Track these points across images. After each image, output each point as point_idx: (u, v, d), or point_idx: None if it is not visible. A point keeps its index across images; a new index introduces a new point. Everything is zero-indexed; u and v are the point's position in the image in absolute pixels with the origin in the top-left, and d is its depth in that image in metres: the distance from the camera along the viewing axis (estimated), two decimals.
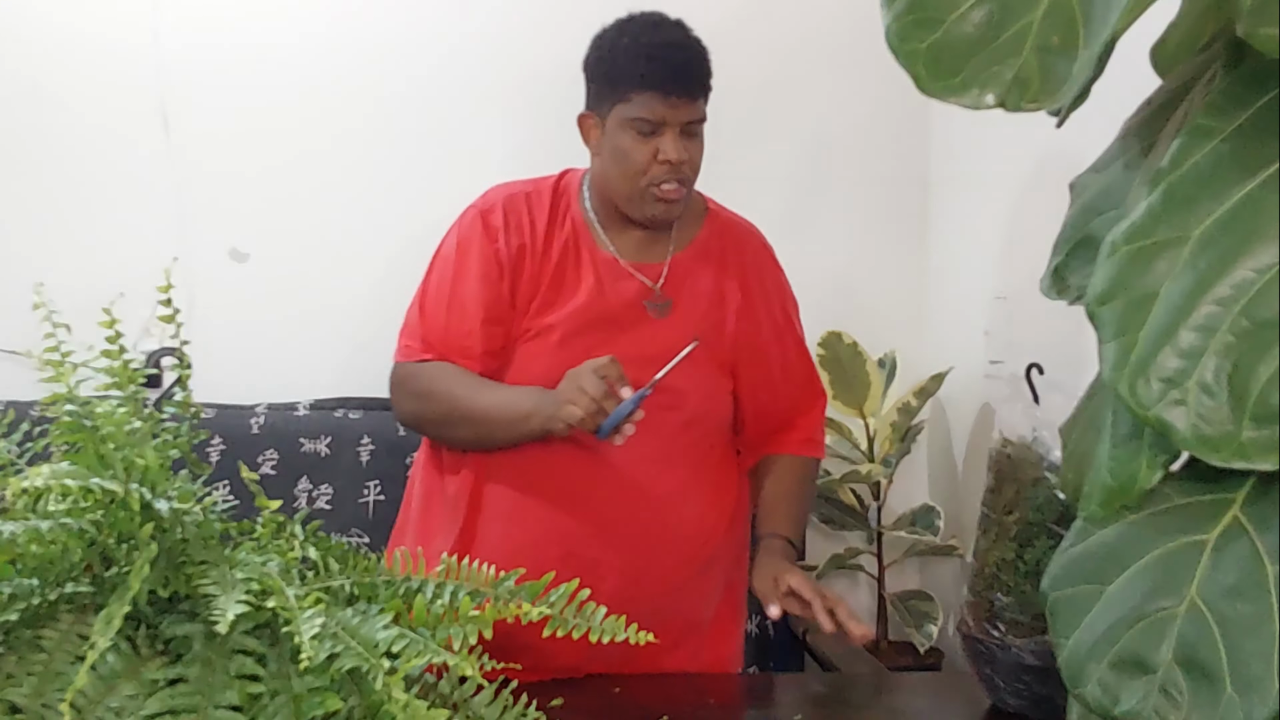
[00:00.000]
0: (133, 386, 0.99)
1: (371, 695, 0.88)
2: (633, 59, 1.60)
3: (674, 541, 1.68)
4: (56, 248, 2.33)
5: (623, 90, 1.60)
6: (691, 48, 1.62)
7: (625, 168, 1.62)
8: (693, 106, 1.60)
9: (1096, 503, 0.83)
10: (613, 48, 1.63)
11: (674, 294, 1.70)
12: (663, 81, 1.58)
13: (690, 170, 1.63)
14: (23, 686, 0.83)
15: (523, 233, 1.68)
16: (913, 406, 2.34)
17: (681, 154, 1.60)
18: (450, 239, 1.73)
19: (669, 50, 1.60)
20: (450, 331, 1.66)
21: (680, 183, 1.62)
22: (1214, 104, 0.75)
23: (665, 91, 1.58)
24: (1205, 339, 0.72)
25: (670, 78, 1.58)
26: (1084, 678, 0.80)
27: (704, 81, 1.62)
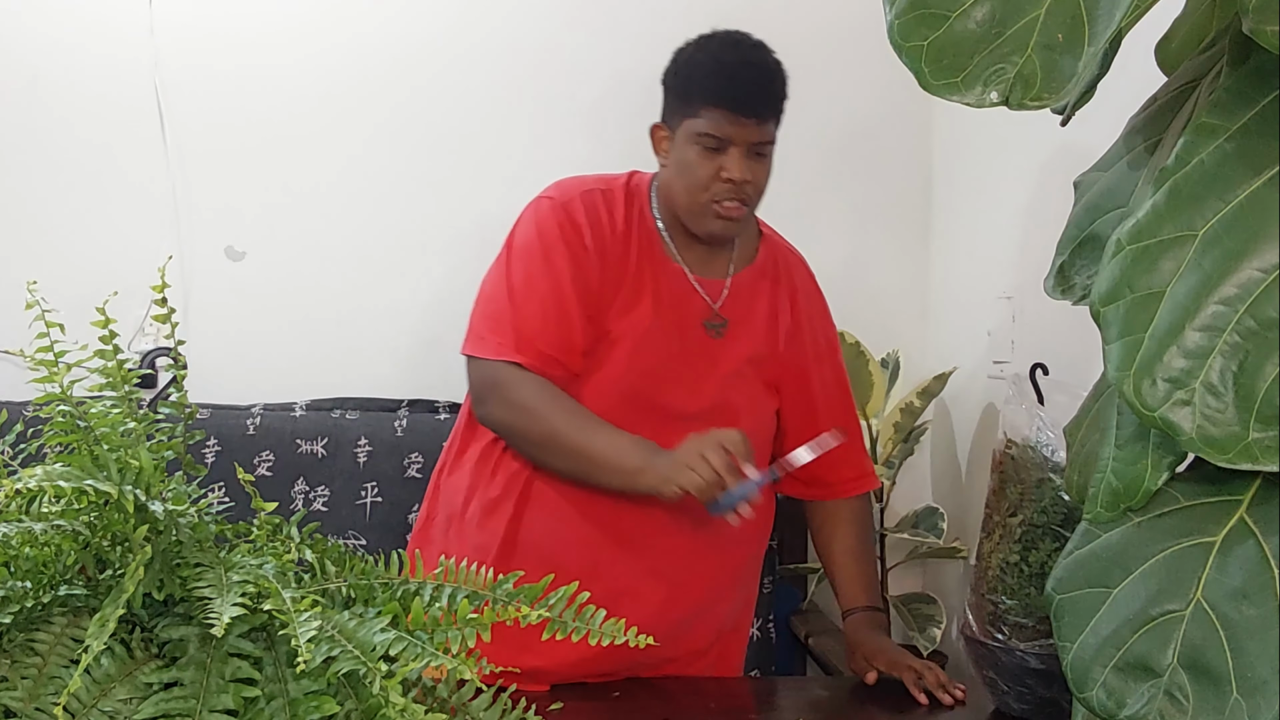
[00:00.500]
0: (127, 387, 0.98)
1: (369, 699, 0.87)
2: (705, 75, 1.60)
3: (714, 557, 1.69)
4: (51, 246, 2.32)
5: (693, 105, 1.60)
6: (766, 69, 1.61)
7: (689, 181, 1.61)
8: (761, 128, 1.59)
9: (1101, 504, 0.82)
10: (688, 62, 1.63)
11: (731, 314, 1.71)
12: (731, 100, 1.57)
13: (753, 191, 1.62)
14: (16, 690, 0.83)
15: (602, 232, 1.65)
16: (916, 407, 2.33)
17: (745, 174, 1.59)
18: (527, 229, 1.67)
19: (742, 69, 1.60)
20: (548, 330, 1.60)
21: (742, 202, 1.61)
22: (1219, 102, 0.75)
23: (733, 110, 1.57)
24: (1211, 339, 0.72)
25: (739, 97, 1.57)
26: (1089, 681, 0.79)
27: (775, 104, 1.61)
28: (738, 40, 1.63)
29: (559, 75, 2.45)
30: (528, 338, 1.60)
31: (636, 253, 1.66)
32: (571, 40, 2.45)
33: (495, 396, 1.61)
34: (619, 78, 2.46)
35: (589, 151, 2.44)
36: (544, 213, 1.66)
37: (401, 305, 2.42)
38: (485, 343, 1.63)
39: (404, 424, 2.23)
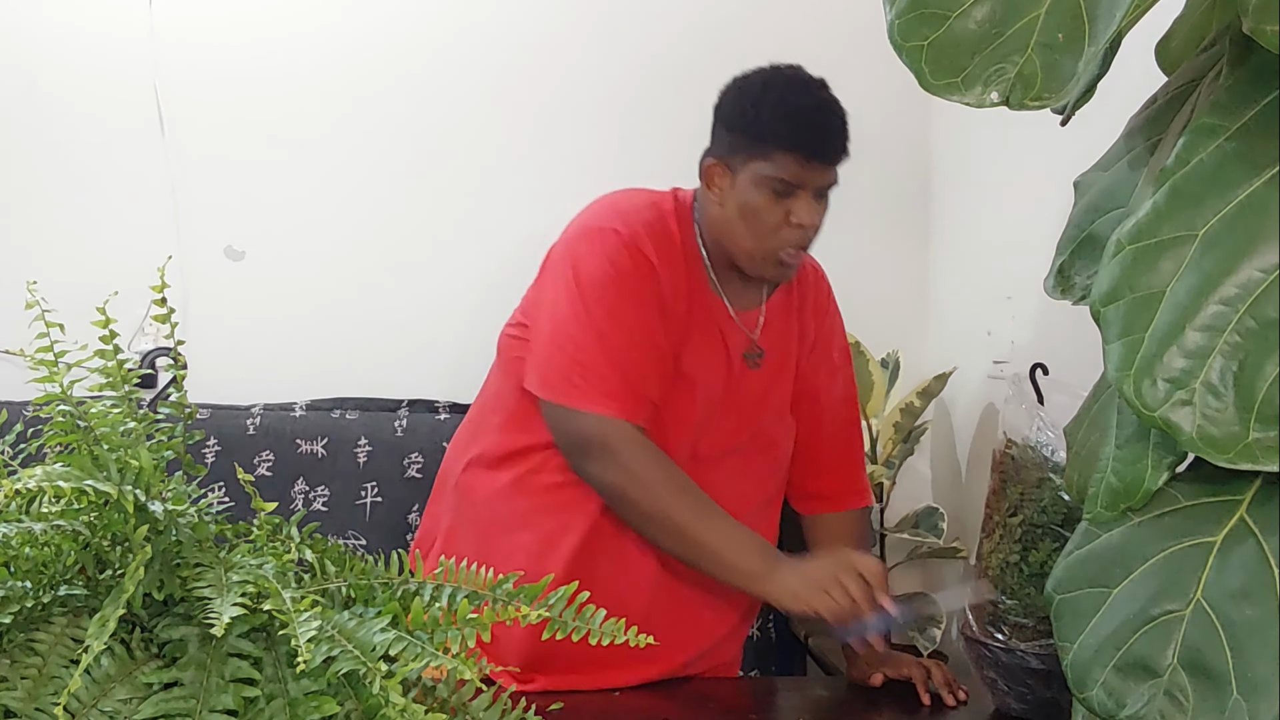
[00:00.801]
0: (127, 386, 0.98)
1: (369, 699, 0.87)
2: (780, 118, 1.53)
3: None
4: (51, 246, 2.32)
5: (764, 148, 1.53)
6: (837, 112, 1.56)
7: (754, 226, 1.56)
8: (831, 171, 1.55)
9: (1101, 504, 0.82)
10: (757, 102, 1.55)
11: (767, 343, 1.69)
12: (808, 145, 1.52)
13: (815, 234, 1.59)
14: (16, 690, 0.83)
15: (671, 271, 1.59)
16: (916, 407, 2.33)
17: (814, 218, 1.56)
18: (599, 265, 1.56)
19: (816, 114, 1.54)
20: (648, 379, 1.55)
21: (806, 245, 1.59)
22: (1219, 102, 0.75)
23: (809, 155, 1.52)
24: (1211, 339, 0.71)
25: (816, 142, 1.53)
26: (1089, 681, 0.79)
27: (846, 147, 1.57)
28: (805, 80, 1.57)
29: (561, 76, 2.45)
30: (630, 389, 1.53)
31: (692, 289, 1.62)
32: (573, 40, 2.45)
33: (605, 458, 1.53)
34: (621, 78, 2.46)
35: (591, 152, 2.44)
36: (615, 248, 1.57)
37: (402, 305, 2.42)
38: (582, 392, 1.53)
39: (404, 424, 2.23)
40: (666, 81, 2.47)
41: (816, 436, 1.78)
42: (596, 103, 2.45)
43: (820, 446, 1.79)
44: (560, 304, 1.57)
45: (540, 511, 1.61)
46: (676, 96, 2.49)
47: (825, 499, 1.81)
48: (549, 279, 1.62)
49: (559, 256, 1.62)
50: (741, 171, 1.56)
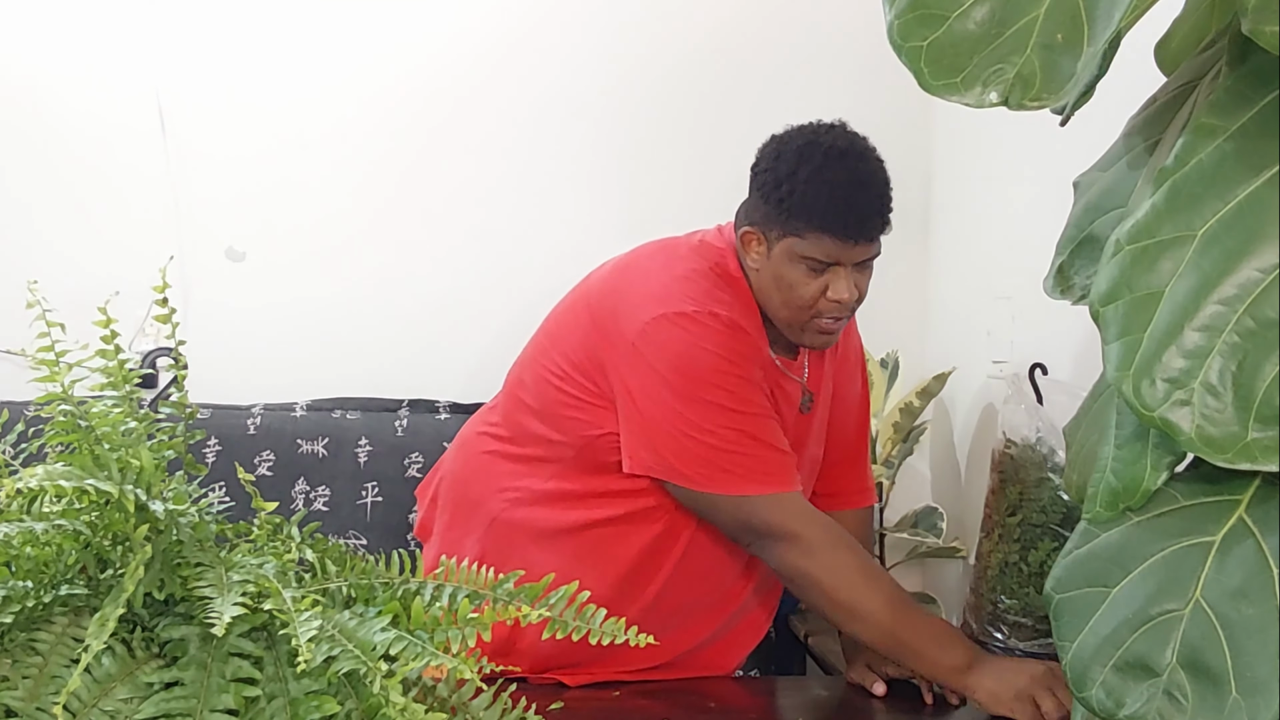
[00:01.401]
0: (128, 386, 0.98)
1: (369, 699, 0.87)
2: (814, 197, 1.48)
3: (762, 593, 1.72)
4: (52, 246, 2.32)
5: (797, 226, 1.49)
6: (876, 187, 1.51)
7: (789, 298, 1.53)
8: (869, 247, 1.52)
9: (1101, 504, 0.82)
10: (791, 176, 1.50)
11: (814, 386, 1.69)
12: (846, 228, 1.48)
13: (857, 303, 1.56)
14: (17, 690, 0.83)
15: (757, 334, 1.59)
16: (915, 407, 2.33)
17: (852, 293, 1.52)
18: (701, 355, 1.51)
19: (854, 192, 1.49)
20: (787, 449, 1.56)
21: (845, 315, 1.56)
22: (1218, 102, 0.75)
23: (844, 237, 1.48)
24: (1210, 339, 0.72)
25: (852, 224, 1.48)
26: (1088, 681, 0.79)
27: (885, 221, 1.52)
28: (845, 150, 1.52)
29: (562, 77, 2.45)
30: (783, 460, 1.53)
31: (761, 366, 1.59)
32: (574, 42, 2.45)
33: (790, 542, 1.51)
34: (622, 80, 2.46)
35: (592, 154, 2.44)
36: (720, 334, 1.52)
37: (402, 305, 2.42)
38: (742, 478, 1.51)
39: (404, 424, 2.23)
40: (668, 82, 2.47)
41: (833, 438, 1.78)
42: (597, 104, 2.45)
43: (835, 447, 1.79)
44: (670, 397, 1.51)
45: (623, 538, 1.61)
46: (678, 98, 2.50)
47: (833, 497, 1.80)
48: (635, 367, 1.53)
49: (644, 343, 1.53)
50: (777, 245, 1.52)
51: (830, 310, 1.53)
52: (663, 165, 2.50)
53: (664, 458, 1.52)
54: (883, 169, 1.53)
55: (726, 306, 1.54)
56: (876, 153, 1.55)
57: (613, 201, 2.44)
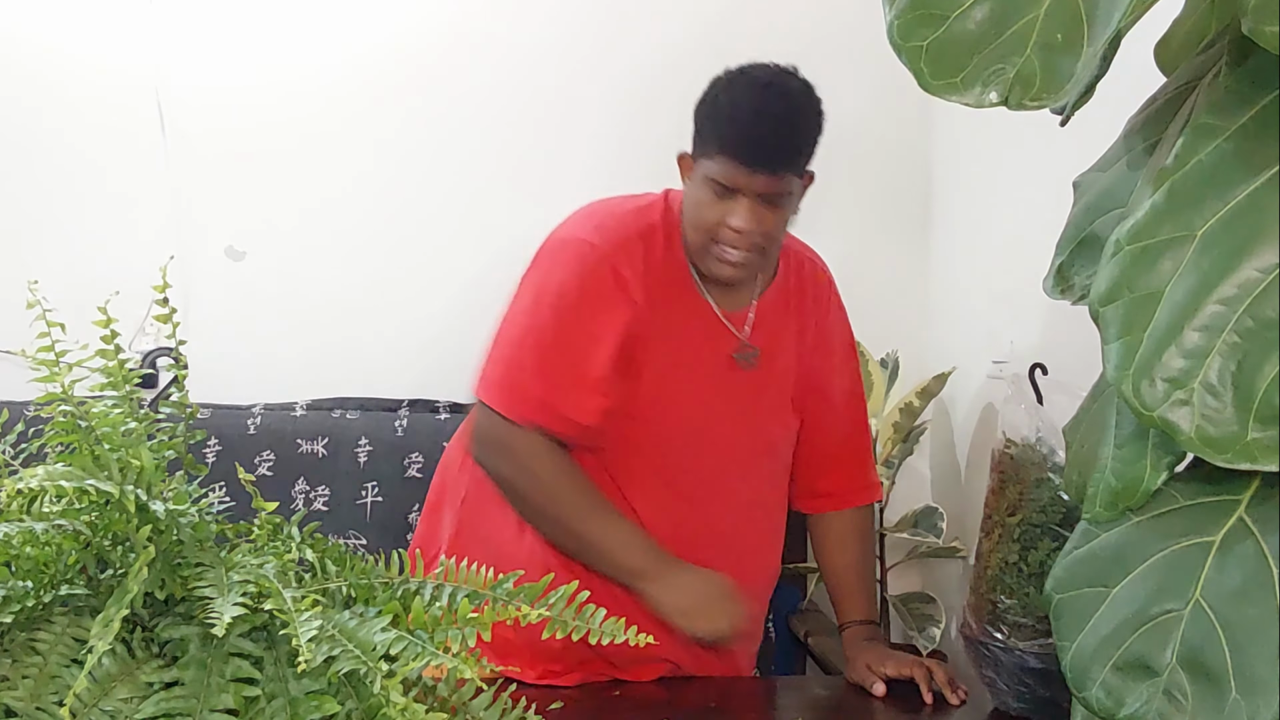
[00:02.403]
0: (128, 387, 0.98)
1: (369, 699, 0.87)
2: (723, 119, 1.52)
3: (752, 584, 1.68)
4: (52, 247, 2.32)
5: (709, 147, 1.52)
6: (785, 119, 1.51)
7: (695, 220, 1.55)
8: (773, 179, 1.51)
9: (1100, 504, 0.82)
10: (714, 101, 1.54)
11: (760, 342, 1.67)
12: (743, 150, 1.49)
13: (763, 239, 1.54)
14: (17, 690, 0.83)
15: (650, 280, 1.59)
16: (915, 407, 2.33)
17: (750, 224, 1.51)
18: (565, 277, 1.58)
19: (759, 119, 1.50)
20: (569, 399, 1.55)
21: (749, 250, 1.54)
22: (1218, 102, 0.75)
23: (744, 162, 1.49)
24: (1210, 339, 0.72)
25: (751, 148, 1.49)
26: (1088, 680, 0.79)
27: (792, 157, 1.53)
28: (769, 82, 1.53)
29: (562, 77, 2.45)
30: (552, 404, 1.54)
31: (671, 291, 1.61)
32: (574, 43, 2.45)
33: (503, 454, 1.57)
34: (621, 79, 2.46)
35: (592, 153, 2.44)
36: (590, 263, 1.57)
37: (402, 305, 2.42)
38: (504, 398, 1.56)
39: (404, 424, 2.23)
40: (667, 82, 2.47)
41: (822, 434, 1.77)
42: (596, 104, 2.45)
43: (827, 444, 1.78)
44: (518, 308, 1.61)
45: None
46: (677, 97, 2.49)
47: (831, 497, 1.81)
48: (521, 283, 1.64)
49: (533, 263, 1.64)
50: (695, 167, 1.56)
51: (729, 239, 1.53)
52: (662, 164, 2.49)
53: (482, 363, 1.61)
54: (805, 107, 1.54)
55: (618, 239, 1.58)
56: (807, 92, 1.55)
57: None
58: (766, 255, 1.58)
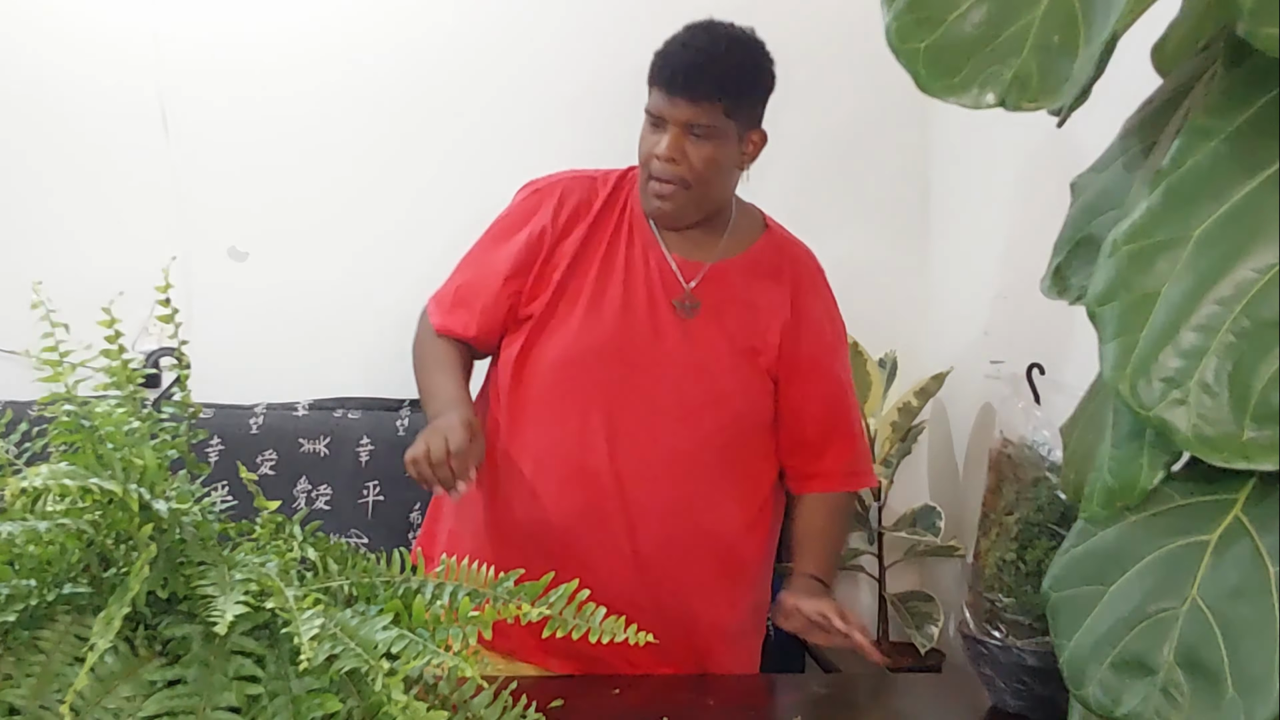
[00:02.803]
0: (131, 386, 0.98)
1: (371, 696, 0.88)
2: (658, 54, 1.63)
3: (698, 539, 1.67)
4: (55, 247, 2.33)
5: (649, 81, 1.64)
6: (705, 50, 1.61)
7: (639, 154, 1.66)
8: (693, 109, 1.59)
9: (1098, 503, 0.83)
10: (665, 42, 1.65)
11: (706, 297, 1.70)
12: (665, 79, 1.60)
13: (690, 174, 1.62)
14: (21, 688, 0.83)
15: (577, 212, 1.70)
16: (913, 406, 2.34)
17: (671, 152, 1.61)
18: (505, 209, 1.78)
19: (681, 50, 1.61)
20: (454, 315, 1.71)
21: (674, 182, 1.62)
22: (1214, 103, 0.75)
23: (666, 90, 1.60)
24: (1206, 339, 0.72)
25: (670, 77, 1.60)
26: (1085, 679, 0.80)
27: (708, 87, 1.59)
28: (708, 25, 1.64)
29: (562, 78, 2.46)
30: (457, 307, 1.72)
31: (613, 233, 1.70)
32: (574, 43, 2.46)
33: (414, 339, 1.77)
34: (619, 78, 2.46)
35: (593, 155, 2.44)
36: (522, 196, 1.76)
37: (403, 305, 2.41)
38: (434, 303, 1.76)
39: (406, 423, 2.24)
40: None
41: (802, 417, 1.75)
42: (595, 103, 2.45)
43: (807, 427, 1.76)
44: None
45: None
46: None
47: (813, 479, 1.78)
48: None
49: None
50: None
51: (656, 170, 1.63)
52: None
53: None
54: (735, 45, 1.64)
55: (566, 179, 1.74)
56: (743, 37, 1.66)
57: None
58: (697, 195, 1.65)
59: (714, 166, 1.63)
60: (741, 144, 1.66)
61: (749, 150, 1.68)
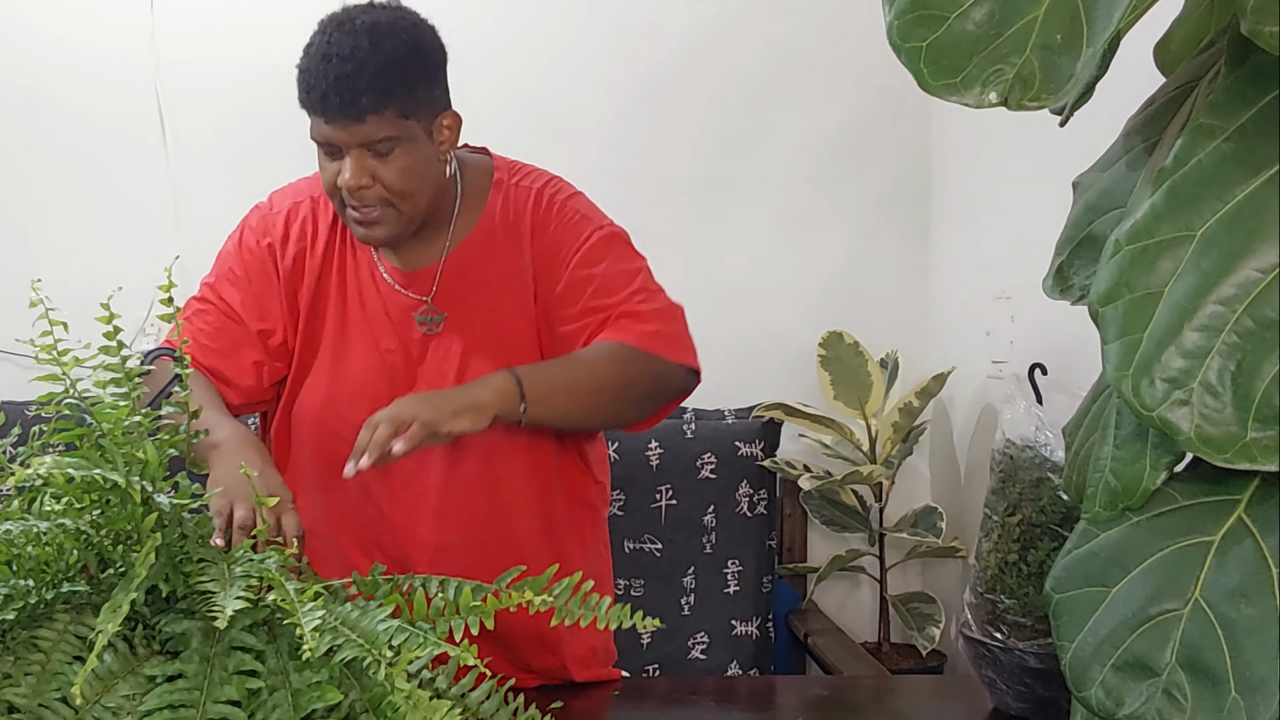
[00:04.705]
0: (131, 383, 0.98)
1: (373, 688, 0.88)
2: (298, 75, 1.38)
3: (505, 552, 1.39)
4: (53, 248, 2.33)
5: (301, 105, 1.39)
6: (354, 57, 1.33)
7: (323, 184, 1.43)
8: (363, 127, 1.35)
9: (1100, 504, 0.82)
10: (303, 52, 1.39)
11: (448, 304, 1.50)
12: (317, 104, 1.35)
13: (384, 193, 1.39)
14: (20, 686, 0.83)
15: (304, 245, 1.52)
16: (915, 407, 2.34)
17: (358, 179, 1.36)
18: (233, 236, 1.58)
19: (324, 65, 1.34)
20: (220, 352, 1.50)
21: (374, 206, 1.40)
22: (1217, 102, 0.75)
23: (323, 115, 1.35)
24: (1209, 339, 0.72)
25: (323, 100, 1.34)
26: (1087, 680, 0.80)
27: (366, 100, 1.34)
28: (341, 21, 1.37)
29: (563, 78, 2.46)
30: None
31: (340, 259, 1.52)
32: (574, 43, 2.46)
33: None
34: (620, 78, 2.46)
35: (592, 153, 2.44)
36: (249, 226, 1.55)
37: None
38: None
39: None
40: (666, 81, 2.47)
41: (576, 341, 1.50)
42: (598, 105, 2.45)
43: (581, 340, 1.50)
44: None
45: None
46: (677, 97, 2.50)
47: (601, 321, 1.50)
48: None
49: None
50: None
51: (349, 200, 1.39)
52: (660, 164, 2.50)
53: None
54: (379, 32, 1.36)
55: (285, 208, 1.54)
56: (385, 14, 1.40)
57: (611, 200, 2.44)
58: (406, 210, 1.41)
59: (412, 176, 1.40)
60: (434, 137, 1.43)
61: (445, 137, 1.45)
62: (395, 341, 1.50)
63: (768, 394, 2.44)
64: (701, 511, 2.36)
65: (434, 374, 1.49)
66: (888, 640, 2.45)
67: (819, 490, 2.37)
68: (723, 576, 2.35)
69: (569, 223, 1.52)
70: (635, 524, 2.34)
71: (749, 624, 2.31)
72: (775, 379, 2.50)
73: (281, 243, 1.52)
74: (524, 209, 1.53)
